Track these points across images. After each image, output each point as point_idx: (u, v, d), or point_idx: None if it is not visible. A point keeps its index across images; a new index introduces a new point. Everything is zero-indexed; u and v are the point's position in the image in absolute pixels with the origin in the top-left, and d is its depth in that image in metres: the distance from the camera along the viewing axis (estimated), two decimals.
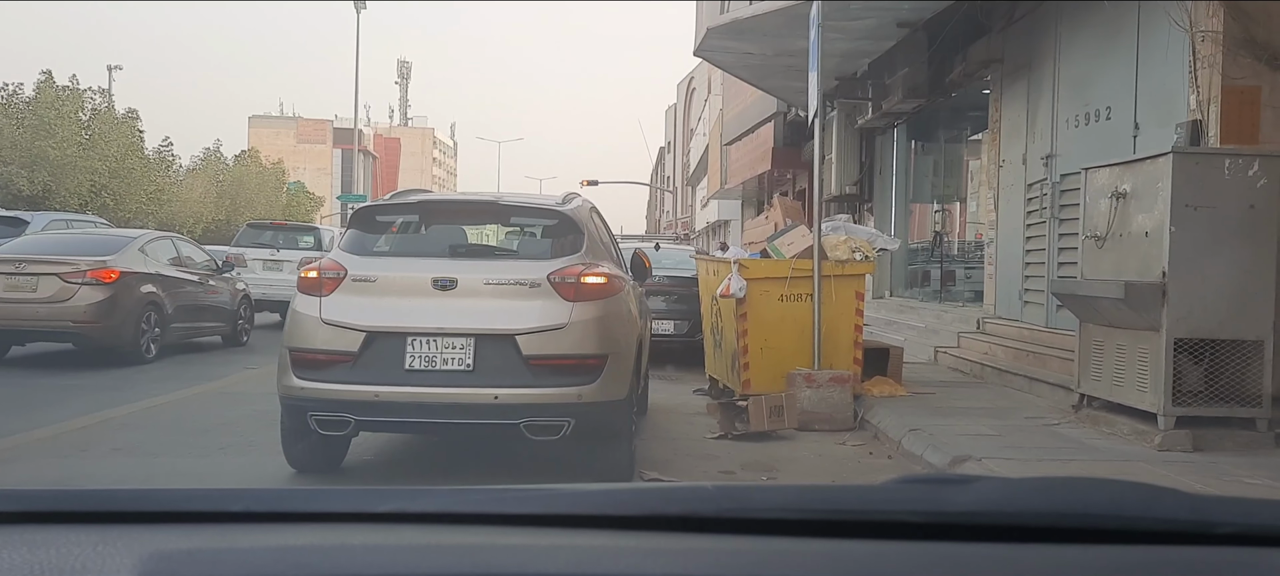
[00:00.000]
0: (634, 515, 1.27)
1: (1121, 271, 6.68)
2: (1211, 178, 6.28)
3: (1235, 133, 6.99)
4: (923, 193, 17.53)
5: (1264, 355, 6.29)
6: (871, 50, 14.27)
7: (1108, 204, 6.85)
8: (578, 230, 5.99)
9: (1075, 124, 9.59)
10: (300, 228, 20.78)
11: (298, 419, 5.53)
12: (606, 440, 5.71)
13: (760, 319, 8.39)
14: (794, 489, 2.43)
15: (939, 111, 15.15)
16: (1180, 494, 1.30)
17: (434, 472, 6.27)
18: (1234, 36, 6.99)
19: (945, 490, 1.32)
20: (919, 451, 6.58)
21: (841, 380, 7.94)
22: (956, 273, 15.74)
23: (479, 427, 5.63)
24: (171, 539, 1.20)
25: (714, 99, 35.95)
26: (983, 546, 1.18)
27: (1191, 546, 1.20)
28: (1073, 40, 9.73)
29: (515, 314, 5.42)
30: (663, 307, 11.75)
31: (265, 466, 6.06)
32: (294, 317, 5.63)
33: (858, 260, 8.58)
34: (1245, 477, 5.61)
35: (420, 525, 1.25)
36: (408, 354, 5.36)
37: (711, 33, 14.51)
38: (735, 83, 23.20)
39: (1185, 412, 6.33)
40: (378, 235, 6.19)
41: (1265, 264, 6.31)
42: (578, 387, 5.40)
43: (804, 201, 18.04)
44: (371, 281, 5.57)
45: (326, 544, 1.21)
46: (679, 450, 7.02)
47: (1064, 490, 1.34)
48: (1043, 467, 5.90)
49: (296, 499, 1.34)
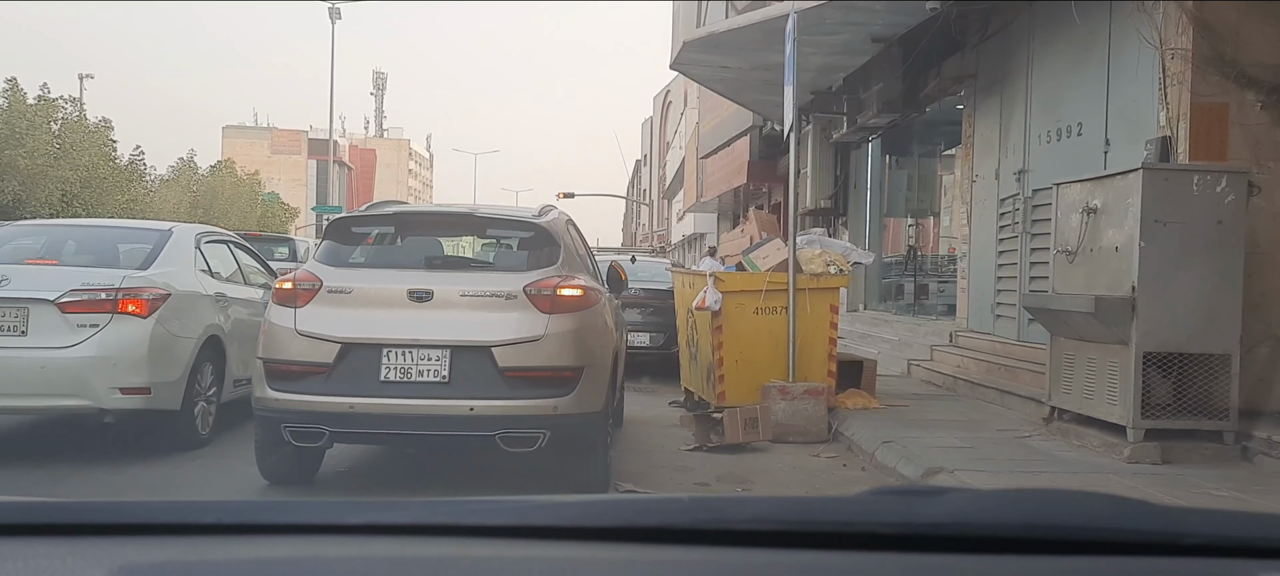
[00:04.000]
0: (609, 526, 1.27)
1: (1092, 286, 6.74)
2: (1180, 194, 6.36)
3: (1204, 149, 7.07)
4: (897, 207, 17.64)
5: (1231, 369, 6.36)
6: (846, 65, 14.35)
7: (1079, 219, 6.92)
8: (554, 242, 5.99)
9: (1047, 139, 9.68)
10: (275, 239, 20.67)
11: (272, 430, 5.49)
12: (582, 452, 5.70)
13: (736, 332, 8.40)
14: (768, 500, 2.44)
15: (913, 126, 15.25)
16: (1149, 505, 1.32)
17: (409, 484, 6.23)
18: (1203, 54, 7.08)
19: (918, 502, 1.33)
20: (892, 463, 6.61)
21: (816, 392, 7.97)
22: (930, 287, 15.84)
23: (454, 439, 5.61)
24: (142, 551, 1.19)
25: (690, 112, 36.03)
26: (954, 557, 1.19)
27: (1160, 557, 1.21)
28: (1045, 56, 9.83)
29: (491, 326, 5.41)
30: (639, 320, 11.76)
31: (238, 478, 6.00)
32: (269, 329, 5.59)
33: (833, 274, 8.62)
34: (1212, 489, 5.67)
35: (394, 537, 1.25)
36: (383, 365, 5.34)
37: (688, 46, 14.55)
38: (711, 96, 23.26)
39: (1154, 425, 6.39)
40: (353, 246, 6.16)
41: (1232, 279, 6.38)
42: (553, 399, 5.39)
43: (779, 215, 18.09)
44: (347, 293, 5.54)
45: (299, 556, 1.20)
46: (654, 462, 7.01)
47: (1035, 502, 1.35)
48: (1014, 479, 5.94)
49: (269, 511, 1.34)
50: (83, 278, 6.39)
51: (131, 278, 6.50)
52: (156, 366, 6.41)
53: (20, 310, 6.17)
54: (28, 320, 6.17)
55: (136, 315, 6.36)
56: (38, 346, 6.14)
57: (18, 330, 6.16)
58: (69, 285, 6.29)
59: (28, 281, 6.34)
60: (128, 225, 8.90)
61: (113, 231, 8.11)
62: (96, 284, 6.34)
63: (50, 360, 6.14)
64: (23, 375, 6.11)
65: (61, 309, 6.19)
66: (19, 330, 6.16)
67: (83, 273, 6.51)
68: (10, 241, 7.29)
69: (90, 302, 6.25)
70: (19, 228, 8.00)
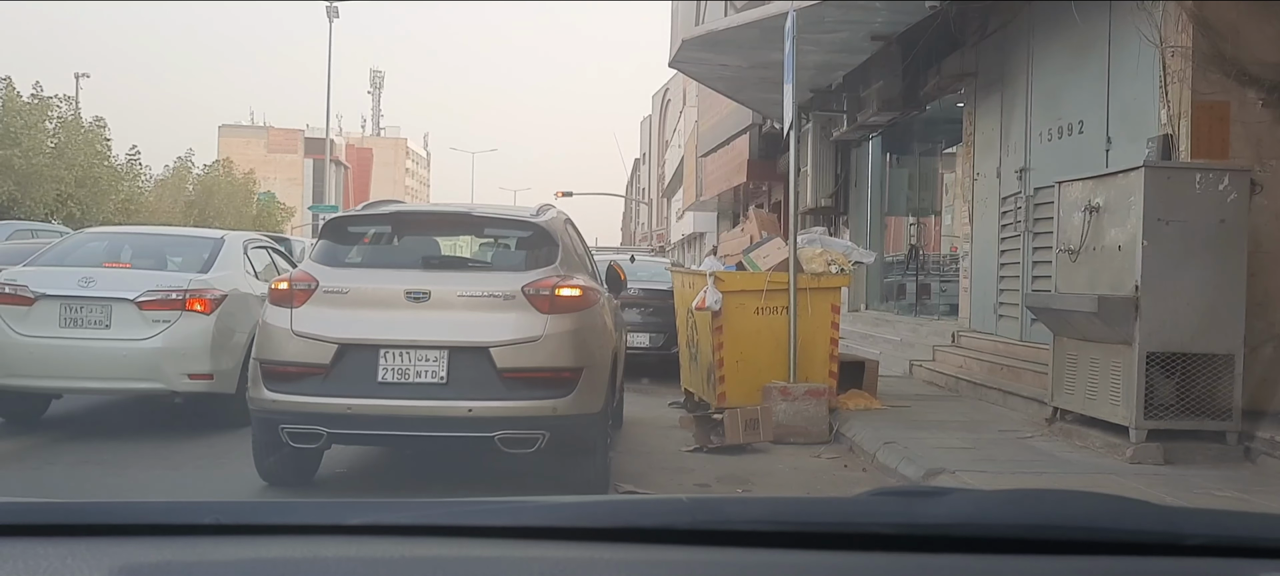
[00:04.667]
0: (609, 527, 1.27)
1: (1094, 285, 6.74)
2: (1183, 192, 6.35)
3: (1205, 147, 7.07)
4: (898, 206, 17.63)
5: (1234, 369, 6.35)
6: (846, 63, 14.35)
7: (1081, 218, 6.91)
8: (552, 242, 5.97)
9: (1048, 138, 9.68)
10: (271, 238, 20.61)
11: (269, 431, 5.48)
12: (581, 453, 5.69)
13: (736, 332, 8.39)
14: (769, 501, 2.44)
15: (913, 124, 15.25)
16: (1151, 506, 1.32)
17: (408, 485, 6.23)
18: (1203, 52, 7.08)
19: (919, 502, 1.33)
20: (894, 464, 6.60)
21: (817, 393, 7.96)
22: (932, 286, 15.83)
23: (453, 440, 5.60)
24: (141, 552, 1.19)
25: (689, 111, 36.04)
26: (956, 558, 1.19)
27: (1162, 557, 1.21)
28: (1045, 54, 9.82)
29: (489, 326, 5.40)
30: (638, 320, 11.74)
31: (236, 479, 6.00)
32: (265, 329, 5.59)
33: (834, 273, 8.61)
34: (1215, 490, 5.66)
35: (393, 537, 1.25)
36: (381, 366, 5.33)
37: (687, 44, 14.54)
38: (711, 95, 23.27)
39: (1157, 426, 6.38)
40: (350, 246, 6.15)
41: (1235, 278, 6.38)
42: (552, 400, 5.38)
43: (779, 214, 18.10)
44: (343, 293, 5.53)
45: (298, 556, 1.20)
46: (654, 463, 7.01)
47: (1036, 502, 1.35)
48: (1016, 480, 5.93)
49: (268, 511, 1.33)
50: (156, 280, 7.47)
51: (196, 281, 7.54)
52: (218, 356, 7.40)
53: (104, 307, 7.23)
54: (111, 315, 7.22)
55: (201, 312, 7.37)
56: (119, 338, 7.18)
57: (102, 324, 7.21)
58: (145, 286, 7.33)
59: (110, 283, 7.38)
60: (185, 233, 10.41)
61: (172, 239, 9.51)
62: (168, 286, 7.41)
63: (130, 349, 7.18)
64: (108, 362, 7.16)
65: (139, 306, 7.22)
66: (103, 324, 7.21)
67: (154, 276, 7.60)
68: (83, 246, 8.46)
69: (163, 301, 7.29)
70: (89, 234, 9.37)
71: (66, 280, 7.33)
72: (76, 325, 7.17)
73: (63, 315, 7.17)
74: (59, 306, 7.19)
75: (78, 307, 7.21)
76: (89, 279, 7.34)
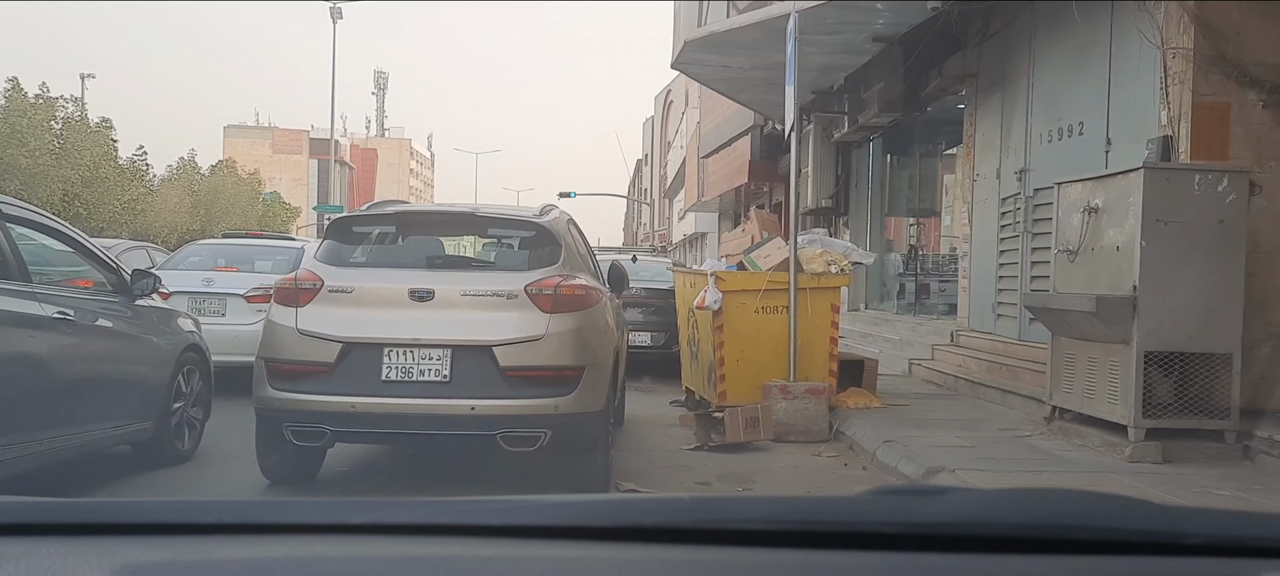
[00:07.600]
0: (610, 526, 1.27)
1: (1093, 285, 6.74)
2: (1182, 193, 6.35)
3: (1205, 149, 7.07)
4: (898, 206, 17.62)
5: (1232, 368, 6.35)
6: (847, 64, 14.35)
7: (1080, 218, 6.92)
8: (555, 242, 5.98)
9: (1048, 139, 9.67)
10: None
11: (273, 430, 5.50)
12: (583, 451, 5.70)
13: (736, 331, 8.40)
14: (769, 500, 2.44)
15: (914, 125, 15.24)
16: (1150, 505, 1.32)
17: (410, 484, 6.23)
18: (1204, 54, 7.08)
19: (919, 501, 1.33)
20: (893, 463, 6.61)
21: (817, 392, 7.96)
22: (931, 286, 15.82)
23: (455, 439, 5.62)
24: (144, 551, 1.19)
25: (691, 112, 36.02)
26: (956, 557, 1.19)
27: (1162, 557, 1.21)
28: (1046, 56, 9.82)
29: (492, 325, 5.41)
30: (640, 319, 11.76)
31: (239, 477, 6.01)
32: (270, 328, 5.60)
33: (834, 273, 8.62)
34: (1214, 489, 5.66)
35: (395, 536, 1.25)
36: (384, 365, 5.34)
37: (689, 46, 14.54)
38: (712, 96, 23.25)
39: (1155, 425, 6.39)
40: (354, 246, 6.16)
41: (1234, 278, 6.38)
42: (555, 399, 5.39)
43: (780, 214, 18.09)
44: (348, 292, 5.54)
45: (300, 556, 1.20)
46: (655, 461, 7.01)
47: (1036, 501, 1.35)
48: (1015, 479, 5.93)
49: (270, 510, 1.33)
50: (257, 280, 9.74)
51: None
52: None
53: (221, 301, 9.74)
54: (226, 307, 9.72)
55: None
56: (233, 323, 9.51)
57: (220, 314, 9.62)
58: (250, 284, 9.75)
59: (224, 283, 9.94)
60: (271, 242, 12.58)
61: (263, 247, 11.74)
62: (266, 284, 8.85)
63: (241, 332, 9.16)
64: (228, 341, 8.92)
65: (247, 300, 9.64)
66: (220, 314, 9.63)
67: (254, 277, 9.96)
68: (192, 254, 11.14)
69: (264, 295, 8.91)
70: (197, 247, 11.92)
71: (192, 280, 9.79)
72: (201, 313, 8.92)
73: (191, 307, 8.87)
74: (188, 301, 9.23)
75: (202, 300, 9.59)
76: (209, 279, 9.90)
